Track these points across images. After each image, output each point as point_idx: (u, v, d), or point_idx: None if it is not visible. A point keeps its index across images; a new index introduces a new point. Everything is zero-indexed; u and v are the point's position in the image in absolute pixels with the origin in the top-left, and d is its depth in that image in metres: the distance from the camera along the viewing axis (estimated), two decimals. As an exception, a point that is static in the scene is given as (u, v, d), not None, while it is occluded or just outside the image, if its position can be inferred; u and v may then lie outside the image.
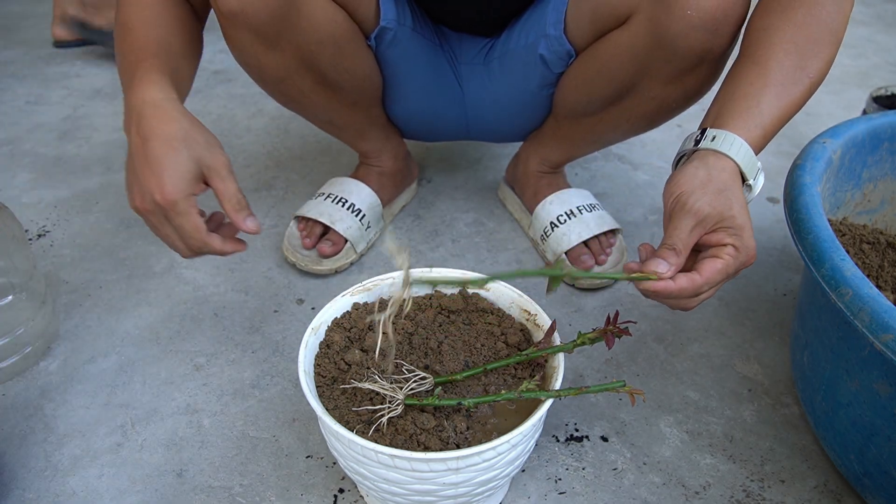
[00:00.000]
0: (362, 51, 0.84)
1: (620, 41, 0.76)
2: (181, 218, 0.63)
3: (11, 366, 0.78)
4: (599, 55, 0.80)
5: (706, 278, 0.58)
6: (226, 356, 0.83)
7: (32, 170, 1.20)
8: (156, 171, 0.61)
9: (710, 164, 0.61)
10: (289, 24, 0.75)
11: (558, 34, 0.82)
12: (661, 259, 0.58)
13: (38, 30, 1.79)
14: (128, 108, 0.66)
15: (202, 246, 0.65)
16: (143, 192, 0.63)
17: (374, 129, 0.98)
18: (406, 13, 0.84)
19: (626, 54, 0.76)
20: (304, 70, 0.81)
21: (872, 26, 1.98)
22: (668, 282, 0.57)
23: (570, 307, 0.91)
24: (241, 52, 0.79)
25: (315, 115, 0.93)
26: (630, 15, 0.74)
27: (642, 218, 1.09)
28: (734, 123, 0.62)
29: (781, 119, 0.64)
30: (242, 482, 0.68)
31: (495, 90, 0.94)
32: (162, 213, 0.63)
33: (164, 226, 0.65)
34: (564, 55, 0.83)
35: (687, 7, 0.68)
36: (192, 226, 0.63)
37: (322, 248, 0.94)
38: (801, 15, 0.64)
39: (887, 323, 0.51)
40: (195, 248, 0.66)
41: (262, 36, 0.75)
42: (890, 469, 0.58)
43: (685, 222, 0.59)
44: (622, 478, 0.69)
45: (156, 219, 0.65)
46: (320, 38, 0.77)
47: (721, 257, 0.58)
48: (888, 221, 0.87)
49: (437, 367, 0.62)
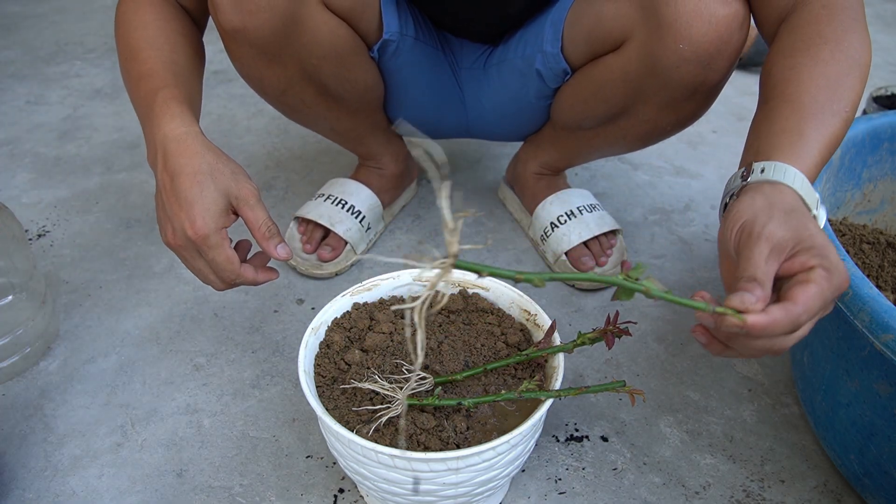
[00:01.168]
0: (365, 63, 0.83)
1: (614, 65, 0.77)
2: (213, 251, 0.63)
3: (11, 366, 0.78)
4: (594, 77, 0.80)
5: (803, 305, 0.46)
6: (226, 356, 0.83)
7: (32, 170, 1.20)
8: (185, 207, 0.62)
9: (766, 192, 0.52)
10: (291, 40, 0.74)
11: (555, 52, 0.82)
12: (744, 291, 0.47)
13: (37, 30, 1.79)
14: (150, 144, 0.66)
15: (235, 278, 0.65)
16: (174, 229, 0.64)
17: (375, 134, 0.98)
18: (409, 23, 0.84)
19: (620, 79, 0.77)
20: (306, 83, 0.81)
21: (872, 26, 1.97)
22: (759, 315, 0.46)
23: (570, 307, 0.91)
24: (242, 66, 0.79)
25: (317, 124, 0.93)
26: (624, 40, 0.74)
27: (642, 218, 1.09)
28: (782, 155, 0.55)
29: (827, 151, 0.58)
30: (242, 482, 0.68)
31: (494, 96, 0.94)
32: (194, 247, 0.64)
33: (196, 260, 0.65)
34: (560, 72, 0.84)
35: (679, 41, 0.68)
36: (224, 258, 0.64)
37: (322, 253, 0.94)
38: (828, 52, 0.60)
39: (887, 323, 0.51)
40: (229, 281, 0.66)
41: (264, 51, 0.75)
42: (890, 469, 0.58)
43: (758, 250, 0.49)
44: (622, 478, 0.69)
45: (188, 253, 0.65)
46: (323, 53, 0.77)
47: (813, 281, 0.47)
48: (888, 221, 0.87)
49: (437, 367, 0.62)
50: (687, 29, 0.67)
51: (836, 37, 0.61)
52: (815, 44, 0.61)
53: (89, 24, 1.86)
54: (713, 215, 1.10)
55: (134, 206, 1.10)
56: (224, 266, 0.64)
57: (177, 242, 0.64)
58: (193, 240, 0.62)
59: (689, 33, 0.67)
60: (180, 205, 0.62)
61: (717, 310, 0.47)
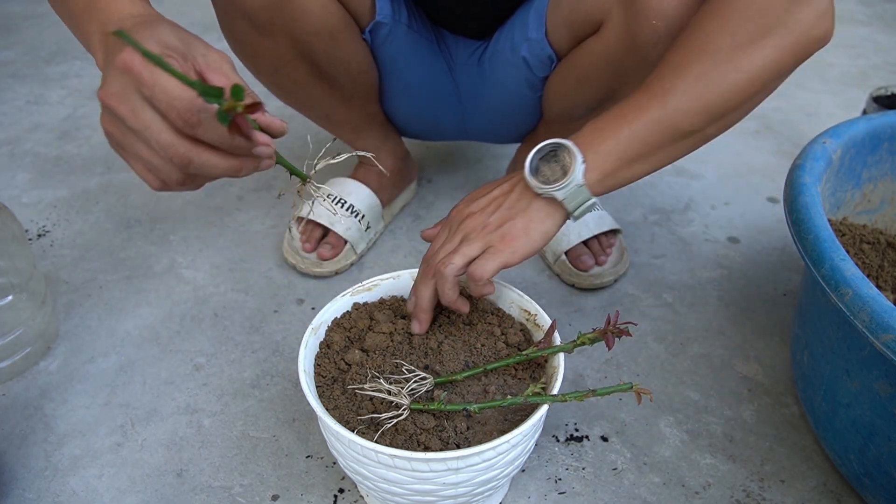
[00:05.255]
0: (357, 43, 0.84)
1: (596, 49, 0.77)
2: (155, 75, 0.43)
3: (11, 366, 0.78)
4: (578, 63, 0.81)
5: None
6: (226, 356, 0.83)
7: (32, 170, 1.20)
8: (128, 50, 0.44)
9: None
10: (282, 13, 0.76)
11: (540, 38, 0.82)
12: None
13: (37, 30, 1.79)
14: (97, 37, 0.51)
15: (193, 122, 0.44)
16: (106, 81, 0.46)
17: (371, 127, 0.98)
18: (402, 10, 0.85)
19: (602, 62, 0.77)
20: (299, 60, 0.82)
21: (872, 26, 1.98)
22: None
23: (570, 307, 0.91)
24: (236, 41, 0.81)
25: (311, 109, 0.93)
26: (603, 21, 0.75)
27: (642, 218, 1.09)
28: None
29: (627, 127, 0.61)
30: (242, 482, 0.68)
31: (487, 92, 0.94)
32: (131, 84, 0.44)
33: (139, 112, 0.45)
34: (546, 59, 0.84)
35: (652, 17, 0.68)
36: (173, 85, 0.43)
37: (322, 252, 0.95)
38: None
39: (887, 323, 0.51)
40: (181, 161, 0.46)
41: (256, 24, 0.76)
42: (890, 469, 0.58)
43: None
44: (622, 478, 0.69)
45: (125, 101, 0.45)
46: (314, 29, 0.78)
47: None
48: (888, 221, 0.87)
49: (438, 367, 0.62)
50: (659, 4, 0.67)
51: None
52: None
53: (89, 23, 1.86)
54: (713, 215, 1.10)
55: (134, 206, 1.10)
56: (174, 95, 0.43)
57: (107, 90, 0.45)
58: (124, 66, 0.44)
59: (661, 9, 0.67)
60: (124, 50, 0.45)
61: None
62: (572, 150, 0.61)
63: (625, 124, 0.61)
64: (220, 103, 0.41)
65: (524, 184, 0.64)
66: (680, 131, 0.61)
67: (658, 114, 0.60)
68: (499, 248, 0.62)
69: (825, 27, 0.60)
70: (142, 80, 0.43)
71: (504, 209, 0.64)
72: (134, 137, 0.46)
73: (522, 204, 0.64)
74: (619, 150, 0.61)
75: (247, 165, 0.49)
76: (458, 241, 0.63)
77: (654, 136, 0.61)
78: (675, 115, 0.60)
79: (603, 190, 0.63)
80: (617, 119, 0.61)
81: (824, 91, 1.57)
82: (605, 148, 0.61)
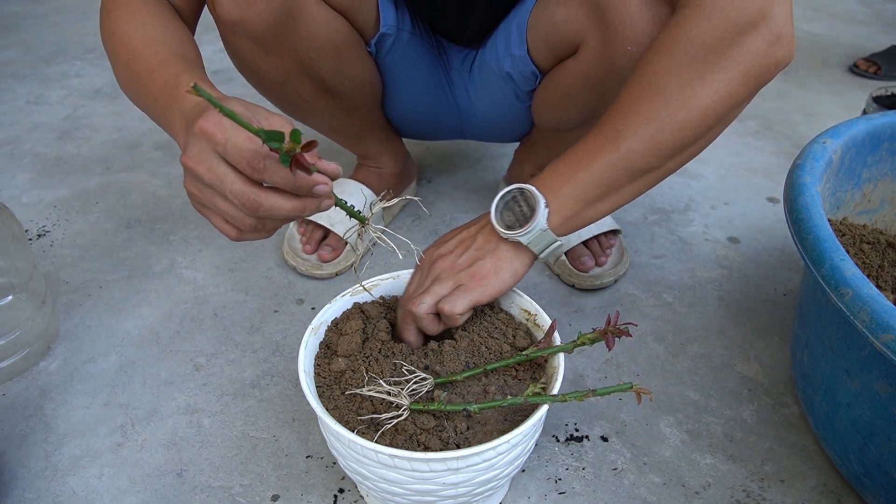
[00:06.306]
0: (362, 57, 0.84)
1: (575, 70, 0.77)
2: (228, 133, 0.48)
3: (11, 366, 0.78)
4: (560, 82, 0.81)
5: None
6: (226, 356, 0.83)
7: (32, 170, 1.20)
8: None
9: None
10: (288, 32, 0.74)
11: (522, 54, 0.82)
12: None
13: (37, 30, 1.79)
14: (182, 122, 0.55)
15: (264, 173, 0.48)
16: (186, 145, 0.51)
17: (373, 132, 0.98)
18: (405, 18, 0.85)
19: (583, 83, 0.77)
20: (304, 76, 0.81)
21: (872, 26, 1.98)
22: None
23: (570, 307, 0.91)
24: (240, 60, 0.79)
25: (314, 119, 0.93)
26: (579, 44, 0.74)
27: (642, 218, 1.09)
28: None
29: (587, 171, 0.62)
30: (242, 482, 0.68)
31: (478, 99, 0.95)
32: (208, 146, 0.49)
33: (215, 167, 0.49)
34: (530, 75, 0.84)
35: (626, 43, 0.68)
36: (244, 137, 0.47)
37: (322, 254, 0.95)
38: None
39: (887, 323, 0.51)
40: (252, 205, 0.49)
41: (261, 44, 0.75)
42: (890, 469, 0.58)
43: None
44: (622, 478, 0.69)
45: (202, 161, 0.49)
46: (320, 46, 0.77)
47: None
48: (888, 221, 0.87)
49: (438, 367, 0.62)
50: (632, 30, 0.67)
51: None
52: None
53: (89, 24, 1.86)
54: (713, 215, 1.10)
55: (134, 206, 1.10)
56: (243, 147, 0.47)
57: (188, 155, 0.50)
58: (200, 131, 0.48)
59: (634, 35, 0.67)
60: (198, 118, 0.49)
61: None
62: (535, 196, 0.62)
63: (581, 168, 0.62)
64: (280, 147, 0.45)
65: (491, 227, 0.65)
66: (636, 170, 0.61)
67: (613, 156, 0.61)
68: (469, 286, 0.63)
69: (779, 55, 0.58)
70: (216, 140, 0.48)
71: (473, 250, 0.65)
72: (212, 192, 0.51)
73: (490, 246, 0.65)
74: (578, 193, 0.62)
75: (309, 205, 0.52)
76: (430, 282, 0.64)
77: (611, 178, 0.61)
78: (630, 155, 0.60)
79: (567, 231, 0.64)
80: (573, 163, 0.62)
81: (824, 91, 1.57)
82: (564, 192, 0.62)
